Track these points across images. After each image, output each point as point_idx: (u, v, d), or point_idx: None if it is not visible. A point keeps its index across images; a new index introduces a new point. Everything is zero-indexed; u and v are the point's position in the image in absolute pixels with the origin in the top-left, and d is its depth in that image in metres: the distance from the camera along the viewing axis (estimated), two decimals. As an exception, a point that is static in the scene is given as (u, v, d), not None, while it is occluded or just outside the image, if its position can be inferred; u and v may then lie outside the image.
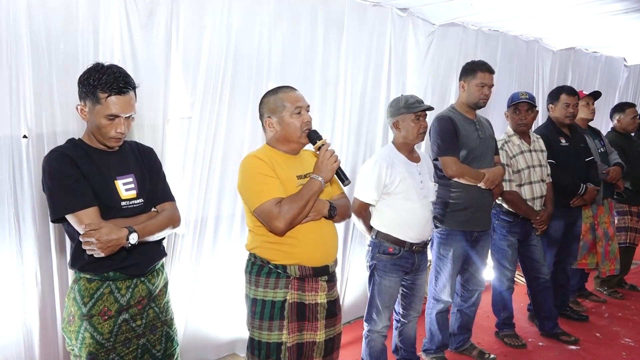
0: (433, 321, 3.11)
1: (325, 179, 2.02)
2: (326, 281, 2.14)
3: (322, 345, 2.12)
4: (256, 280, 2.10)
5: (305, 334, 2.10)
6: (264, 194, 1.97)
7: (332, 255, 2.18)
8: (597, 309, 4.17)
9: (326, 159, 2.02)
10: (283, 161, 2.08)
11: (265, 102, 2.14)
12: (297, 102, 2.08)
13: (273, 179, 2.00)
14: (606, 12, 3.79)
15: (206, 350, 3.04)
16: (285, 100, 2.07)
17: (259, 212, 1.99)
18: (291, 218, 1.95)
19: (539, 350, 3.44)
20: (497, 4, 3.58)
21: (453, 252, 2.99)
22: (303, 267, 2.06)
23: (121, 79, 1.77)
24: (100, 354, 1.81)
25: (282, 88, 2.14)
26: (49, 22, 2.24)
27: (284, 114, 2.06)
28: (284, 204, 1.95)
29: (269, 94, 2.15)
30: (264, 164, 2.01)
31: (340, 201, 2.21)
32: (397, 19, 3.65)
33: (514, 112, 3.36)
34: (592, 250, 3.93)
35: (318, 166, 2.03)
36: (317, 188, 2.00)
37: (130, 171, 1.92)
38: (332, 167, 2.02)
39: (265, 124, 2.13)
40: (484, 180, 2.91)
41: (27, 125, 2.24)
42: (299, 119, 2.06)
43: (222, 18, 2.76)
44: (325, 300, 2.12)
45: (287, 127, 2.07)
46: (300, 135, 2.07)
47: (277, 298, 2.05)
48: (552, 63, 5.22)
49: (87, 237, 1.67)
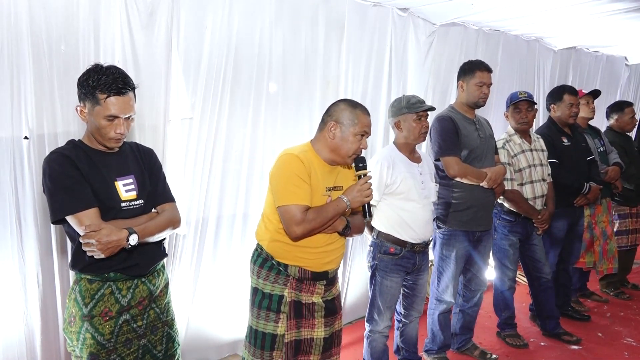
0: (435, 322, 3.11)
1: (352, 205, 2.07)
2: (324, 285, 2.17)
3: (320, 342, 2.16)
4: (258, 271, 2.16)
5: (302, 331, 2.13)
6: (294, 196, 2.00)
7: (335, 264, 2.22)
8: (599, 309, 4.16)
9: (363, 190, 2.08)
10: (319, 168, 2.11)
11: (341, 108, 2.13)
12: (366, 127, 2.10)
13: (306, 184, 2.03)
14: (607, 11, 3.78)
15: (207, 351, 3.03)
16: (358, 119, 2.09)
17: (282, 211, 2.02)
18: (311, 228, 2.01)
19: (540, 350, 3.44)
20: (498, 3, 3.58)
21: (456, 252, 2.99)
22: (303, 269, 2.10)
23: (120, 80, 1.77)
24: (102, 354, 1.81)
25: (361, 107, 2.15)
26: (50, 22, 2.24)
27: (350, 130, 2.08)
28: (310, 213, 2.00)
29: (348, 103, 2.15)
30: (304, 168, 2.03)
31: (357, 220, 2.24)
32: (398, 19, 3.65)
33: (515, 111, 3.36)
34: (590, 249, 3.92)
35: (352, 192, 2.08)
36: (342, 210, 2.06)
37: (130, 172, 1.92)
38: (363, 200, 2.08)
39: (327, 126, 2.12)
40: (486, 180, 2.91)
41: (28, 127, 2.23)
42: (358, 142, 2.09)
43: (223, 18, 2.76)
44: (322, 300, 2.16)
45: (344, 142, 2.08)
46: (350, 156, 2.11)
47: (275, 292, 2.10)
48: (553, 62, 5.21)
49: (87, 238, 1.68)
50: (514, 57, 4.74)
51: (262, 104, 3.02)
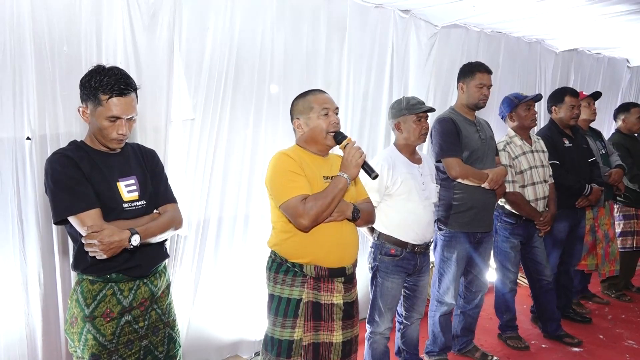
0: (436, 323, 3.10)
1: (351, 176, 2.05)
2: (343, 282, 2.16)
3: (339, 346, 2.14)
4: (274, 277, 2.15)
5: (321, 334, 2.12)
6: (291, 190, 2.01)
7: (350, 257, 2.19)
8: (600, 311, 4.15)
9: (351, 155, 2.06)
10: (311, 161, 2.13)
11: (295, 104, 2.20)
12: (325, 104, 2.13)
13: (301, 176, 2.04)
14: (609, 13, 3.79)
15: (208, 352, 3.03)
16: (313, 102, 2.13)
17: (284, 208, 2.03)
18: (315, 215, 1.98)
19: (542, 352, 3.43)
20: (500, 5, 3.58)
21: (457, 254, 2.99)
22: (319, 267, 2.09)
23: (122, 81, 1.78)
24: (103, 355, 1.81)
25: (312, 91, 2.20)
26: (52, 24, 2.25)
27: (311, 115, 2.12)
28: (309, 201, 1.99)
29: (300, 96, 2.21)
30: (294, 162, 2.06)
31: (364, 205, 2.23)
32: (400, 21, 3.66)
33: (526, 109, 3.34)
34: (592, 251, 3.91)
35: (344, 164, 2.07)
36: (342, 185, 2.03)
37: (132, 173, 1.92)
38: (358, 162, 2.06)
39: (294, 125, 2.19)
40: (487, 181, 2.91)
41: (31, 127, 2.25)
42: (326, 120, 2.11)
43: (225, 20, 2.77)
44: (342, 302, 2.14)
45: (314, 128, 2.12)
46: (326, 136, 2.12)
47: (293, 296, 2.09)
48: (555, 64, 5.21)
49: (90, 239, 1.68)
50: (516, 59, 4.73)
51: (264, 105, 3.03)
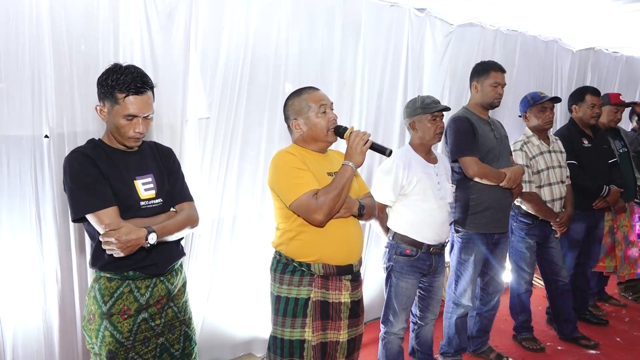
0: (452, 325, 3.08)
1: (356, 164, 2.02)
2: (350, 280, 2.14)
3: (344, 345, 2.13)
4: (281, 278, 2.11)
5: (329, 333, 2.10)
6: (299, 187, 1.98)
7: (356, 254, 2.18)
8: (617, 313, 4.10)
9: (355, 143, 2.02)
10: (312, 157, 2.11)
11: (289, 104, 2.16)
12: (322, 101, 2.11)
13: (306, 171, 2.02)
14: (627, 11, 3.73)
15: (222, 350, 3.04)
16: (309, 101, 2.10)
17: (296, 206, 1.99)
18: (329, 208, 1.96)
19: (557, 354, 3.40)
20: (516, 3, 3.54)
21: (474, 256, 2.96)
22: (327, 265, 2.07)
23: (139, 79, 1.78)
24: (120, 352, 1.82)
25: (306, 89, 2.16)
26: (70, 23, 2.27)
27: (309, 115, 2.09)
28: (320, 195, 1.96)
29: (293, 95, 2.17)
30: (296, 158, 2.04)
31: (367, 200, 2.22)
32: (415, 19, 3.64)
33: (541, 111, 3.31)
34: (611, 253, 3.85)
35: (348, 152, 2.04)
36: (349, 174, 2.00)
37: (149, 171, 1.93)
38: (362, 150, 2.02)
39: (291, 126, 2.16)
40: (505, 180, 2.87)
41: (49, 125, 2.27)
42: (325, 117, 2.09)
43: (240, 19, 2.77)
44: (349, 300, 2.13)
45: (314, 127, 2.10)
46: (327, 133, 2.10)
47: (301, 295, 2.06)
48: (572, 63, 5.15)
49: (107, 237, 1.69)
50: (532, 57, 4.68)
51: (279, 104, 3.01)
